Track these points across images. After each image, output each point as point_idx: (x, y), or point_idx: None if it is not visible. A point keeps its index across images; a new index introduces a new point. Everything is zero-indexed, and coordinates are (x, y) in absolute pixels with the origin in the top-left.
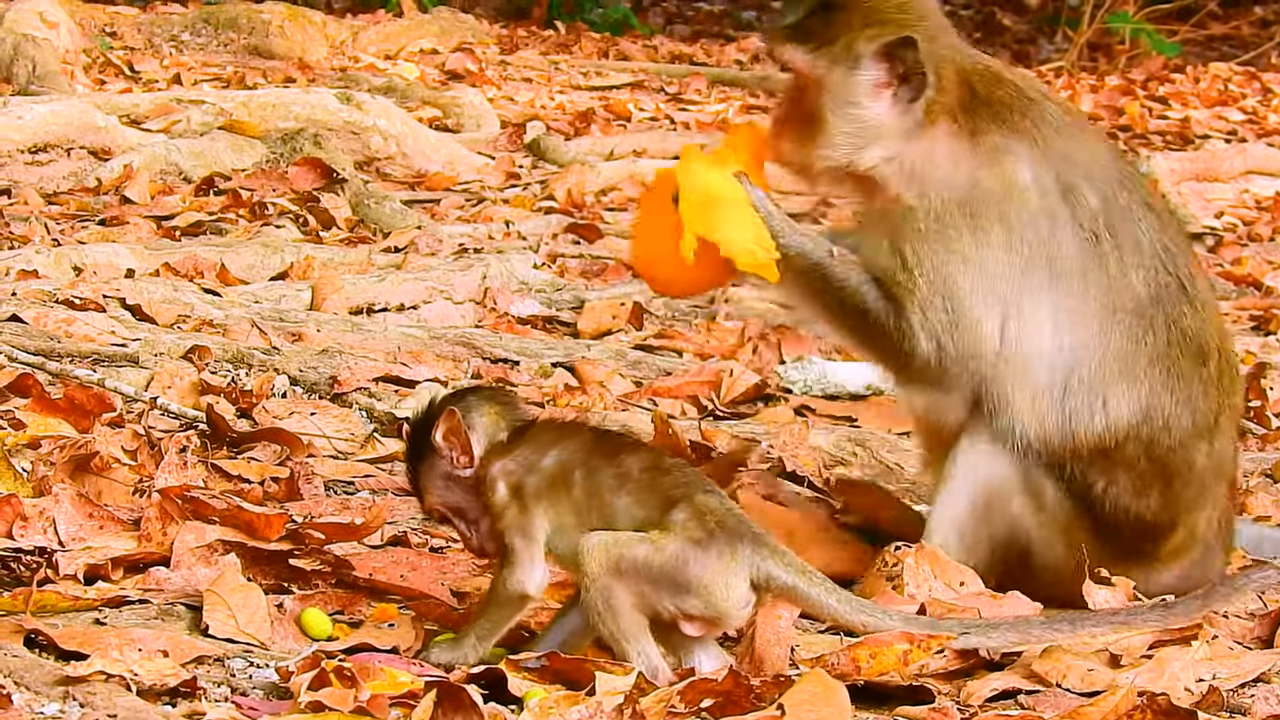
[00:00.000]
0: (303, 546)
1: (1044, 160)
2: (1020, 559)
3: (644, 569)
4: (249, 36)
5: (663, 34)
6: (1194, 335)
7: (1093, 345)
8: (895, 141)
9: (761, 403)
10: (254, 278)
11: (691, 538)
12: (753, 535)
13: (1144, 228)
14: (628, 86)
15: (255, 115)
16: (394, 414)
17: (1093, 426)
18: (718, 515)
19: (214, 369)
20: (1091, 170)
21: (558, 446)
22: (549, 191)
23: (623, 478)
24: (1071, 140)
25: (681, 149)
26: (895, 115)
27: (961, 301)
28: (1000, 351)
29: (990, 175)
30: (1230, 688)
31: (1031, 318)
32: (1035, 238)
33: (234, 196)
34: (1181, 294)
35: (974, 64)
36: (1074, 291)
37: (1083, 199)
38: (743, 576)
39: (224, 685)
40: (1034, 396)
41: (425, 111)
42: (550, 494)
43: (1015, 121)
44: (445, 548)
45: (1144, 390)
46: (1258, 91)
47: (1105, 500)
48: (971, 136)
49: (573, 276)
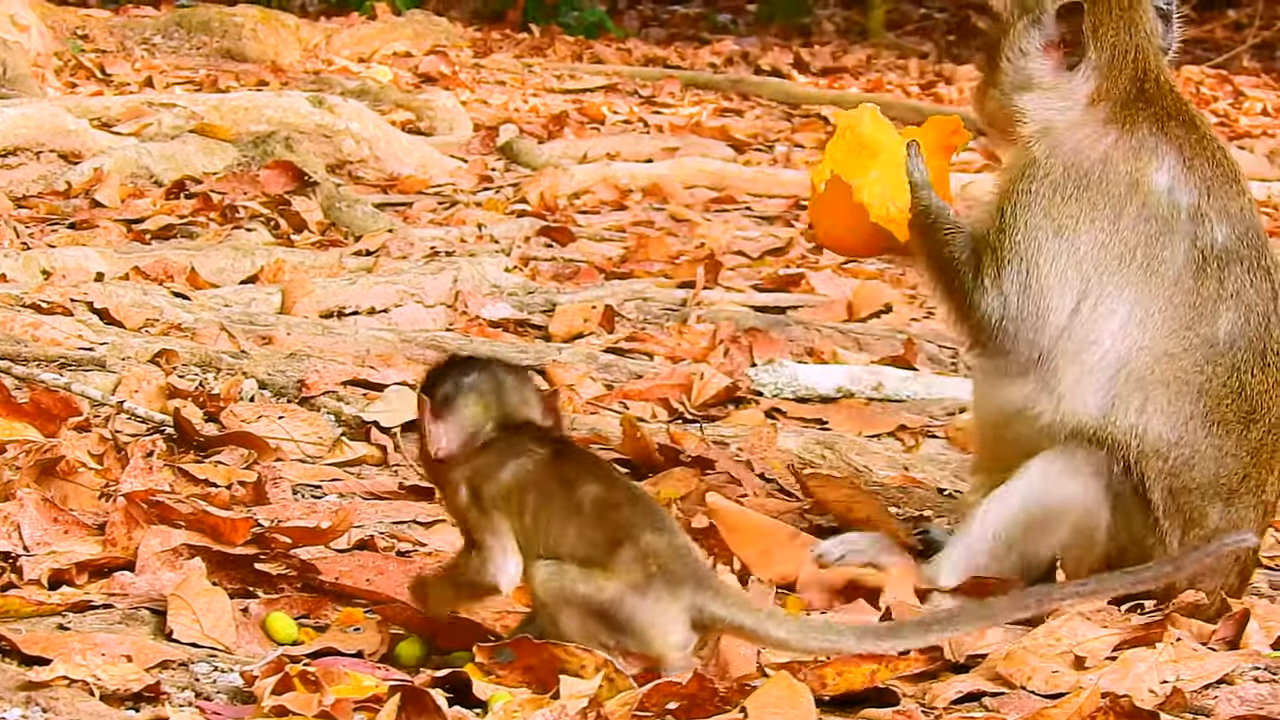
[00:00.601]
0: (268, 550)
1: (1185, 177)
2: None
3: (585, 605)
4: (221, 39)
5: (638, 37)
6: (1252, 395)
7: (1154, 350)
8: (1050, 104)
9: (732, 405)
10: (224, 281)
11: (631, 582)
12: (696, 578)
13: (1255, 285)
14: (601, 89)
15: (227, 118)
16: (362, 418)
17: (1127, 419)
18: (661, 559)
19: (182, 373)
20: (1229, 211)
21: (517, 461)
22: (522, 195)
23: (573, 508)
24: (1222, 180)
25: (860, 108)
26: (1055, 79)
27: (1039, 269)
28: (1066, 328)
29: (1125, 164)
30: (1194, 689)
31: (1107, 304)
32: (1143, 235)
33: (205, 200)
34: (1259, 356)
35: (1158, 72)
36: (1158, 295)
37: (1208, 228)
38: (681, 621)
39: (188, 690)
40: (1080, 375)
41: (398, 115)
42: (505, 507)
43: (1171, 129)
44: (412, 551)
45: (1184, 415)
46: (1230, 95)
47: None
48: (1123, 125)
49: (544, 279)
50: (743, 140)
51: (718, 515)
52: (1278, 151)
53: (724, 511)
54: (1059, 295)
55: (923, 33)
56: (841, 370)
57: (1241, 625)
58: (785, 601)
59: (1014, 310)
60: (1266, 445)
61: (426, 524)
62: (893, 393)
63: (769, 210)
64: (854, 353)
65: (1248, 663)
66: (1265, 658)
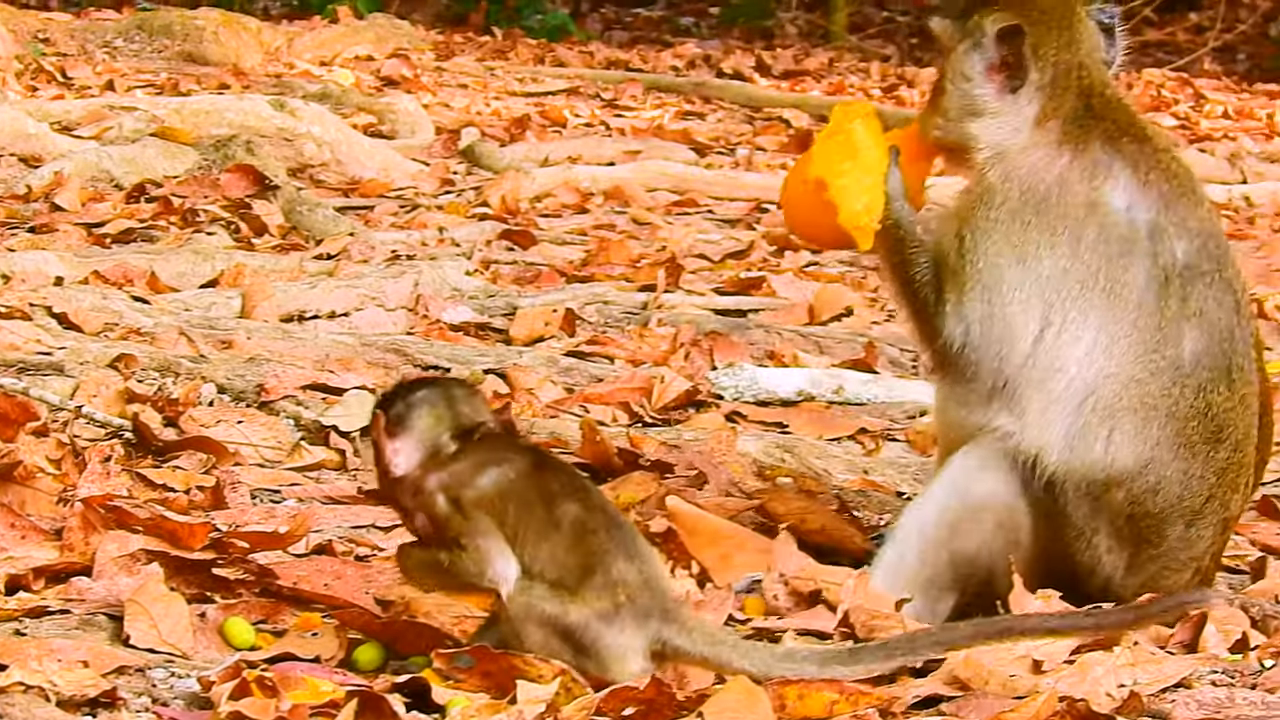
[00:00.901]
0: (226, 555)
1: (1141, 193)
2: (980, 586)
3: (551, 624)
4: (183, 43)
5: (600, 40)
6: (1218, 416)
7: (1120, 377)
8: (998, 128)
9: (693, 409)
10: (184, 285)
11: (599, 610)
12: (663, 611)
13: (1217, 300)
14: (563, 93)
15: (188, 122)
16: (321, 422)
17: (1092, 454)
18: (631, 589)
19: (140, 377)
20: (1188, 225)
21: (498, 468)
22: (483, 198)
23: (552, 526)
24: (1178, 191)
25: (858, 104)
26: (999, 102)
27: (1002, 297)
28: (1030, 355)
29: (1081, 185)
30: (1151, 693)
31: (1071, 331)
32: (1104, 257)
33: (165, 204)
34: (1224, 374)
35: (1103, 86)
36: (1122, 320)
37: (1168, 244)
38: (641, 652)
39: (145, 695)
40: (1046, 405)
41: (360, 118)
42: (489, 511)
43: (1123, 145)
44: (370, 556)
45: (1150, 442)
46: (1190, 98)
47: (1081, 553)
48: (1076, 145)
49: (506, 283)
50: (705, 143)
51: (677, 519)
52: (1239, 155)
53: (683, 515)
54: (1023, 323)
55: (885, 36)
56: (802, 373)
57: (1199, 629)
58: (745, 604)
59: (977, 338)
60: (1233, 464)
61: (385, 529)
62: (853, 396)
63: (730, 213)
64: (815, 356)
65: (1205, 666)
66: (1223, 661)
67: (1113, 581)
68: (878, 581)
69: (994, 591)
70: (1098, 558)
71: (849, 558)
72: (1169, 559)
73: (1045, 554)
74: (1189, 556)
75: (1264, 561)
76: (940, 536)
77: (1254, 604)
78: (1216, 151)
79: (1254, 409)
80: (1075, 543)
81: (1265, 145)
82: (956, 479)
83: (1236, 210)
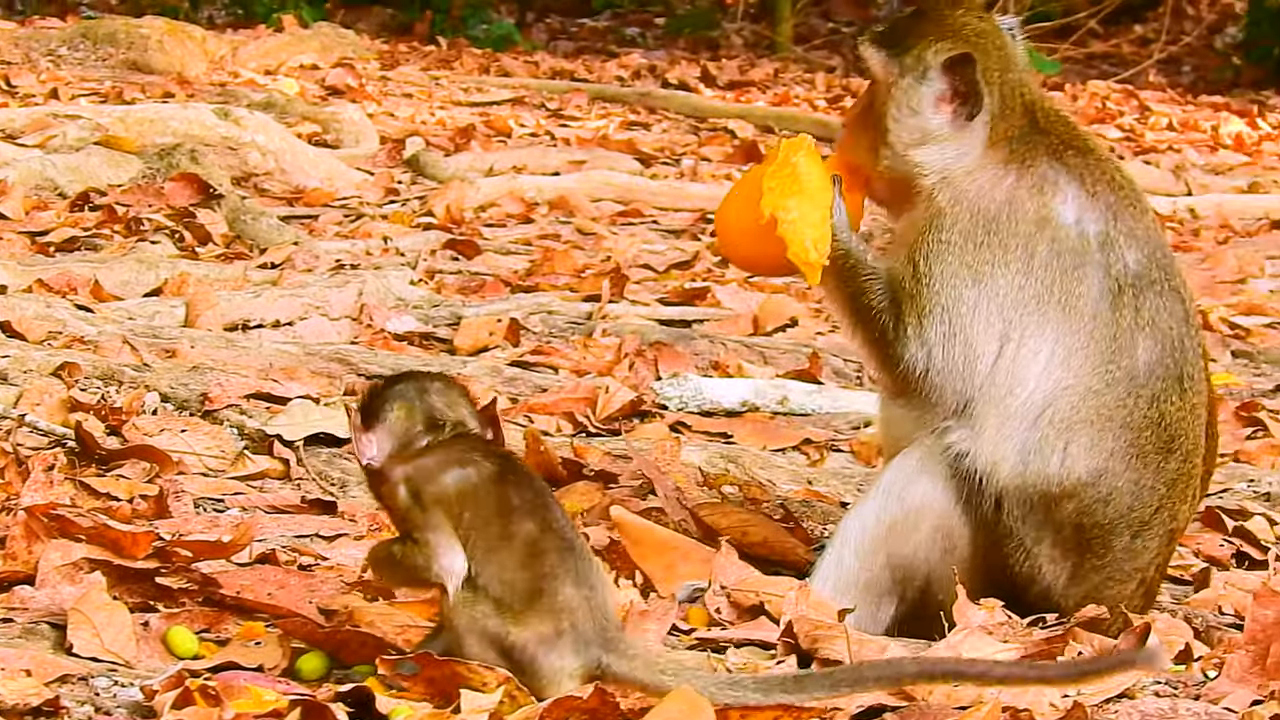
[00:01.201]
0: (170, 564)
1: (1090, 206)
2: (918, 593)
3: (491, 639)
4: (128, 51)
5: (546, 50)
6: (1170, 425)
7: (1077, 389)
8: (948, 155)
9: (637, 419)
10: (128, 294)
11: (539, 633)
12: (605, 640)
13: (1168, 309)
14: (508, 102)
15: (132, 130)
16: (265, 431)
17: (1047, 468)
18: (575, 616)
19: (84, 386)
20: (1136, 234)
21: (462, 469)
22: (428, 207)
23: (505, 540)
24: (1124, 202)
25: (800, 138)
26: (953, 130)
27: (963, 317)
28: (990, 373)
29: (1030, 202)
30: (1095, 703)
31: (1030, 345)
32: (1058, 271)
33: (109, 212)
34: (1177, 383)
35: (1042, 100)
36: (1078, 331)
37: (1119, 255)
38: (577, 677)
39: (88, 704)
40: (1003, 420)
41: (305, 127)
42: (445, 509)
43: (1068, 159)
44: (314, 565)
45: (1104, 453)
46: (1135, 109)
47: (1019, 564)
48: (1022, 163)
49: (450, 293)
50: (649, 154)
51: (621, 529)
52: (1183, 167)
53: (627, 525)
54: (984, 342)
55: (830, 47)
56: (747, 384)
57: (1143, 639)
58: (689, 614)
59: (939, 361)
60: (1182, 475)
61: (329, 538)
62: (798, 406)
63: (675, 224)
64: (759, 366)
65: (1149, 677)
66: (1166, 672)
67: (1053, 591)
68: (817, 582)
69: (933, 598)
70: (1037, 568)
71: (792, 569)
72: (1114, 569)
73: (984, 562)
74: (1134, 567)
75: (1207, 572)
76: (877, 538)
77: (1197, 615)
78: (1161, 163)
79: (1203, 418)
80: (1015, 553)
81: (1209, 157)
82: (894, 482)
83: (1181, 222)
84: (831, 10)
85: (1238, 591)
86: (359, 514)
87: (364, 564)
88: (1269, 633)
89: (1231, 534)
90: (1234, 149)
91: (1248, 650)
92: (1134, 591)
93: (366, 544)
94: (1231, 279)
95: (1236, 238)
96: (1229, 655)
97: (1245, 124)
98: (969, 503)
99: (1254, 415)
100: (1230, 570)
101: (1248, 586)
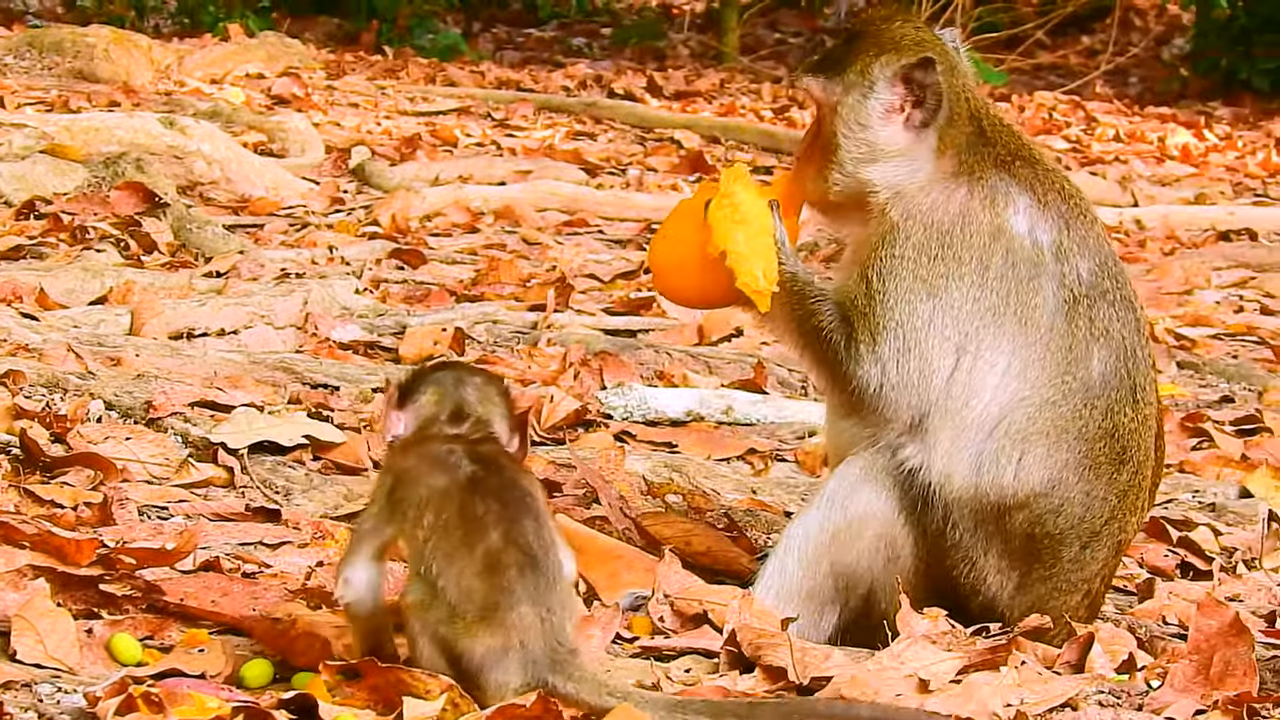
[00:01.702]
0: (114, 571)
1: (1042, 216)
2: (861, 601)
3: (441, 643)
4: (74, 60)
5: (492, 60)
6: (1123, 437)
7: (1033, 400)
8: (901, 167)
9: (582, 428)
10: (74, 302)
11: (489, 647)
12: (553, 662)
13: (1120, 319)
14: (454, 112)
15: (78, 139)
16: (209, 439)
17: (1001, 479)
18: (525, 635)
19: (28, 393)
20: (1088, 244)
21: (441, 474)
22: (373, 217)
23: (466, 548)
24: (1074, 211)
25: (732, 167)
26: (906, 140)
27: (918, 332)
28: (947, 386)
29: (983, 214)
30: (1038, 713)
31: (986, 357)
32: (1013, 282)
33: (55, 220)
34: (1130, 395)
35: (986, 108)
36: (1034, 343)
37: (1073, 265)
38: (519, 690)
39: (31, 710)
40: (959, 432)
41: (250, 136)
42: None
43: (1017, 170)
44: (258, 573)
45: (1058, 463)
46: (1082, 120)
47: (964, 574)
48: (972, 174)
49: (395, 301)
50: (595, 163)
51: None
52: (1130, 178)
53: (571, 534)
54: (939, 356)
55: (776, 57)
56: (691, 394)
57: (1085, 649)
58: (632, 622)
59: (894, 377)
60: (1133, 486)
61: (273, 545)
62: (742, 416)
63: (621, 234)
64: (704, 376)
65: (1091, 686)
66: (1109, 681)
67: (999, 601)
68: (760, 591)
69: (876, 606)
70: (983, 578)
71: (735, 578)
72: (1060, 580)
73: (928, 571)
74: (1081, 578)
75: (1151, 583)
76: (820, 546)
77: (1141, 625)
78: (1108, 174)
79: (1154, 429)
80: (960, 564)
81: (1156, 168)
82: (838, 491)
83: (1128, 233)
84: (778, 21)
85: (1181, 601)
86: (302, 522)
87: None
88: (1212, 642)
89: (1176, 544)
90: (1181, 160)
91: (1191, 660)
92: (1079, 602)
93: (310, 551)
94: (1178, 290)
95: (1183, 249)
96: (1172, 665)
97: (1192, 135)
98: (913, 512)
99: (1199, 426)
100: (1175, 580)
101: (1192, 596)
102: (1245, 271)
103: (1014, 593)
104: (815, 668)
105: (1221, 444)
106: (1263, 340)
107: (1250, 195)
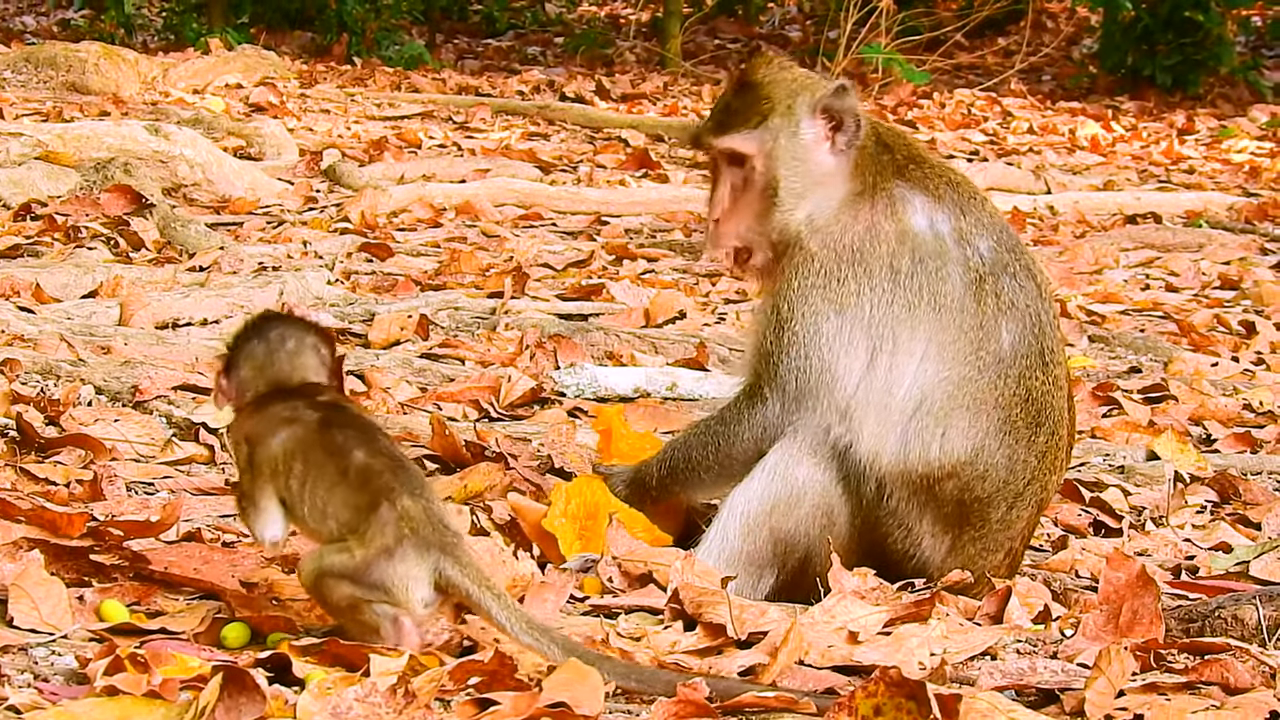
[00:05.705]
0: (103, 543)
1: (938, 208)
2: (798, 564)
3: (341, 572)
4: (67, 74)
5: (454, 68)
6: (1037, 401)
7: (951, 379)
8: (822, 193)
9: (538, 406)
10: (67, 296)
11: (381, 545)
12: (443, 544)
13: (1022, 289)
14: (418, 116)
15: (71, 146)
16: (191, 420)
17: (928, 454)
18: (414, 523)
19: (24, 380)
20: (983, 224)
21: (288, 429)
22: (344, 214)
23: (339, 475)
24: (965, 197)
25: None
26: (833, 164)
27: (819, 349)
28: (863, 381)
29: (888, 224)
30: (960, 660)
31: (904, 349)
32: (923, 277)
33: (49, 221)
34: (1039, 360)
35: (879, 123)
36: (949, 326)
37: (974, 246)
38: (425, 581)
39: (27, 672)
40: (883, 418)
41: (230, 141)
42: (272, 476)
43: (911, 173)
44: (236, 543)
45: (980, 432)
46: (999, 115)
47: (899, 540)
48: (875, 187)
49: (365, 291)
50: (549, 162)
51: (518, 511)
52: (1043, 167)
53: (523, 509)
54: (846, 363)
55: (716, 61)
56: (639, 372)
57: (1004, 602)
58: (584, 583)
59: (793, 391)
60: (1051, 447)
61: None
62: (687, 392)
63: (573, 226)
64: (650, 356)
65: (1010, 636)
66: (1026, 632)
67: (931, 564)
68: (703, 553)
69: (811, 568)
70: (918, 543)
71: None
72: (989, 540)
73: (862, 538)
74: (1006, 537)
75: (1065, 539)
76: (761, 514)
77: (1055, 578)
78: (1023, 164)
79: (1065, 389)
80: (895, 530)
81: (1067, 158)
82: (780, 463)
83: (1041, 218)
84: (717, 28)
85: (1093, 556)
86: None
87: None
88: (1121, 594)
89: (1089, 504)
90: (1090, 150)
91: (1101, 610)
92: (1001, 560)
93: None
94: (1088, 270)
95: (1093, 232)
96: (1084, 615)
97: (1100, 127)
98: (849, 485)
99: (1110, 395)
100: (1087, 537)
101: (1102, 552)
102: (1150, 252)
103: (946, 555)
104: (752, 623)
105: (1130, 411)
106: (1167, 315)
107: (1154, 181)
